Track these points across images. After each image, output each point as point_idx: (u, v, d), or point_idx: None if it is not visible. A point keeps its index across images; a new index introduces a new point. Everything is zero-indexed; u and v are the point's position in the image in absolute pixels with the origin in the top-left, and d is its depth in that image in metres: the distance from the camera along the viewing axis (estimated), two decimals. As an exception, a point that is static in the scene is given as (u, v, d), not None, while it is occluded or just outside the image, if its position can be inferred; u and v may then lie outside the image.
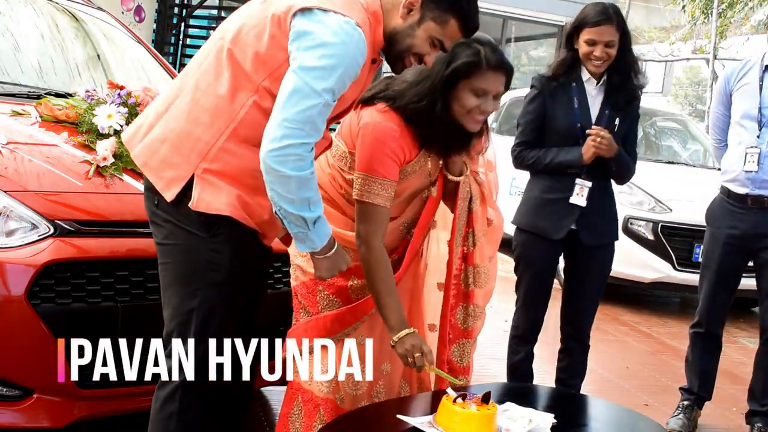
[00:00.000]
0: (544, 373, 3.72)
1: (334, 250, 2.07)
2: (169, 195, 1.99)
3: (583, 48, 3.02)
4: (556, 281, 3.45)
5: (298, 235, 1.99)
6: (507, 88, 2.33)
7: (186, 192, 1.97)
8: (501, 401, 2.14)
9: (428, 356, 2.22)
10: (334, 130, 2.42)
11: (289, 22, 1.91)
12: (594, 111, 3.09)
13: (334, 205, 2.41)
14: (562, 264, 3.46)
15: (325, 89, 1.87)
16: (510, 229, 3.30)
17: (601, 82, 3.09)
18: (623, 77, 3.07)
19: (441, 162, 2.46)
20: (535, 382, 3.35)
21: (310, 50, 1.87)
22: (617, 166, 3.11)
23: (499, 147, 3.24)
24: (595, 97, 3.10)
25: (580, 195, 3.10)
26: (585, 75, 3.09)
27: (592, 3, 3.06)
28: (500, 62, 2.26)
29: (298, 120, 1.85)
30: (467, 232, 2.52)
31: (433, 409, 2.06)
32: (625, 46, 3.04)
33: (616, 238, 3.30)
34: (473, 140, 2.43)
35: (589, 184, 3.09)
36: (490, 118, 2.99)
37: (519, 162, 3.22)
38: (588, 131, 3.02)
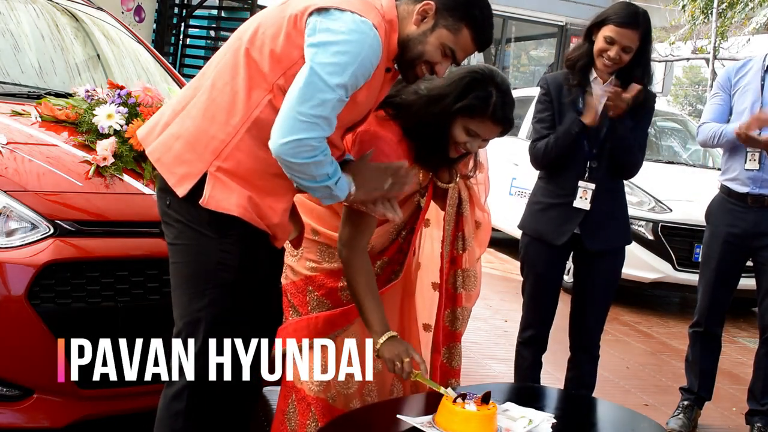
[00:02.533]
0: (555, 380, 3.72)
1: (354, 187, 2.04)
2: (181, 191, 1.99)
3: (599, 43, 2.94)
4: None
5: (323, 196, 2.01)
6: (501, 136, 2.32)
7: (198, 190, 1.97)
8: (501, 401, 2.14)
9: (420, 365, 2.16)
10: None
11: (304, 21, 1.92)
12: (599, 111, 3.01)
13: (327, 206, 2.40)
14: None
15: (338, 84, 1.87)
16: (512, 231, 3.29)
17: (608, 83, 3.01)
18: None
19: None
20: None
21: (325, 46, 1.88)
22: (623, 131, 2.97)
23: (497, 146, 3.22)
24: (601, 97, 3.02)
25: (583, 198, 3.04)
26: (592, 74, 3.04)
27: (624, 2, 2.97)
28: (504, 118, 2.24)
29: (312, 114, 1.86)
30: (456, 235, 2.52)
31: (433, 409, 2.05)
32: (643, 54, 2.94)
33: (627, 243, 3.22)
34: (461, 161, 2.44)
35: (593, 186, 3.03)
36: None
37: (534, 159, 3.14)
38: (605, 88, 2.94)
